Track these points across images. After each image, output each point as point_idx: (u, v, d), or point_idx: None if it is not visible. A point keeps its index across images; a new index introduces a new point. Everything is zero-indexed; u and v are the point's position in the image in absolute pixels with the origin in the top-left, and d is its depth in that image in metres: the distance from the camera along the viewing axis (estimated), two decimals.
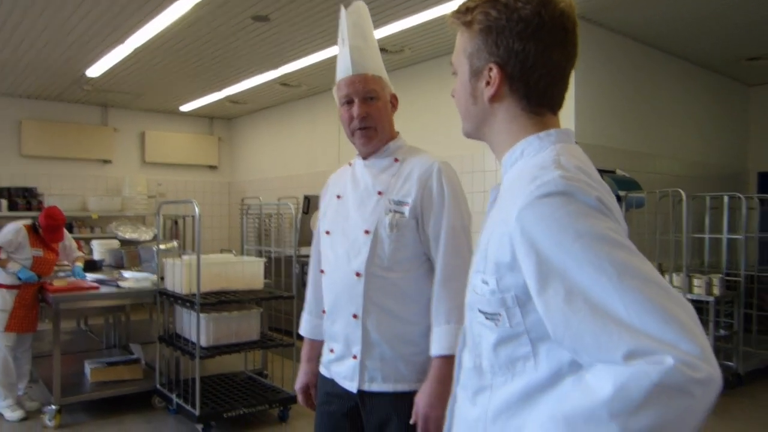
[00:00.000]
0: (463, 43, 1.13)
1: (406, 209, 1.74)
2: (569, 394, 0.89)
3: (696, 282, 5.29)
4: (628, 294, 0.85)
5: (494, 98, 1.11)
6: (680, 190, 5.23)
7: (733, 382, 5.33)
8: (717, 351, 5.29)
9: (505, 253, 0.99)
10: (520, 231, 0.95)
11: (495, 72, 1.08)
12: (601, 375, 0.84)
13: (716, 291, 5.23)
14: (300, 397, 2.07)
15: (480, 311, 1.07)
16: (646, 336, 0.83)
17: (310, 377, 2.05)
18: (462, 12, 1.12)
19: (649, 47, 6.08)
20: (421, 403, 1.70)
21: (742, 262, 5.58)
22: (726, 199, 5.66)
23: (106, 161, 8.99)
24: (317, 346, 2.05)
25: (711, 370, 0.82)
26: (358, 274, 1.75)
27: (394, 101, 1.88)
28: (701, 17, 5.30)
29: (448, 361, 1.70)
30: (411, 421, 1.72)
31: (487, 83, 1.10)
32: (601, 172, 4.81)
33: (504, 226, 0.99)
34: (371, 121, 1.80)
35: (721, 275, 5.35)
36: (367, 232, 1.75)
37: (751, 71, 7.10)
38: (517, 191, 0.99)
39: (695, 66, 6.79)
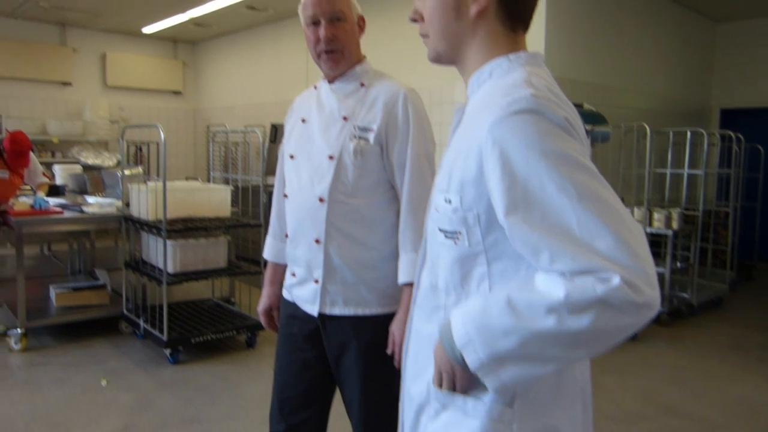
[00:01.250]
0: None
1: (371, 135, 1.72)
2: (521, 289, 0.95)
3: (656, 216, 5.43)
4: (584, 215, 0.89)
5: (480, 14, 1.07)
6: (645, 125, 5.29)
7: (686, 312, 5.56)
8: (673, 283, 5.49)
9: (471, 168, 1.00)
10: (491, 144, 0.95)
11: None
12: (552, 282, 0.90)
13: (675, 225, 5.38)
14: (263, 319, 2.10)
15: (440, 230, 1.08)
16: (597, 255, 0.88)
17: (272, 300, 2.08)
18: None
19: None
20: (397, 332, 1.74)
21: (701, 197, 5.73)
22: (689, 134, 5.75)
23: (65, 83, 8.68)
24: (280, 269, 2.07)
25: (652, 294, 0.87)
26: (321, 200, 1.75)
27: (361, 23, 1.83)
28: None
29: None
30: (388, 351, 1.76)
31: None
32: None
33: (472, 142, 0.99)
34: (338, 43, 1.75)
35: (680, 209, 5.50)
36: (331, 157, 1.74)
37: (719, 7, 7.09)
38: (488, 108, 0.98)
39: (665, 0, 6.75)
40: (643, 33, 6.52)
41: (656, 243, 5.94)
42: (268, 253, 2.09)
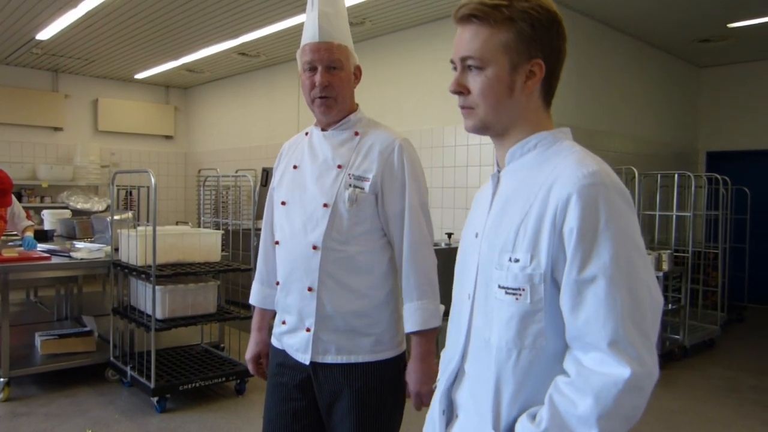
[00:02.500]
0: (497, 37, 1.14)
1: (367, 185, 1.74)
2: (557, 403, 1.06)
3: None
4: (631, 294, 1.03)
5: (530, 93, 1.18)
6: (633, 168, 5.36)
7: (678, 354, 5.54)
8: (664, 325, 5.48)
9: (546, 230, 1.08)
10: (572, 209, 1.05)
11: (543, 67, 1.16)
12: (579, 387, 1.04)
13: (665, 266, 5.39)
14: (251, 367, 2.06)
15: (500, 287, 1.13)
16: (626, 330, 1.03)
17: (261, 347, 2.05)
18: (493, 7, 1.13)
19: (605, 26, 6.16)
20: (411, 382, 1.79)
21: (690, 238, 5.76)
22: (676, 177, 5.82)
23: (57, 128, 8.71)
24: (268, 315, 2.05)
25: (652, 366, 1.04)
26: (315, 247, 1.74)
27: (357, 73, 1.85)
28: None
29: (425, 336, 1.77)
30: (414, 403, 1.80)
31: (528, 78, 1.16)
32: None
33: (544, 205, 1.09)
34: (332, 91, 1.77)
35: (669, 251, 5.52)
36: (326, 205, 1.74)
37: (703, 53, 7.27)
38: (559, 176, 1.09)
39: (650, 47, 6.92)
40: (630, 78, 6.66)
41: None
42: (254, 298, 2.06)
